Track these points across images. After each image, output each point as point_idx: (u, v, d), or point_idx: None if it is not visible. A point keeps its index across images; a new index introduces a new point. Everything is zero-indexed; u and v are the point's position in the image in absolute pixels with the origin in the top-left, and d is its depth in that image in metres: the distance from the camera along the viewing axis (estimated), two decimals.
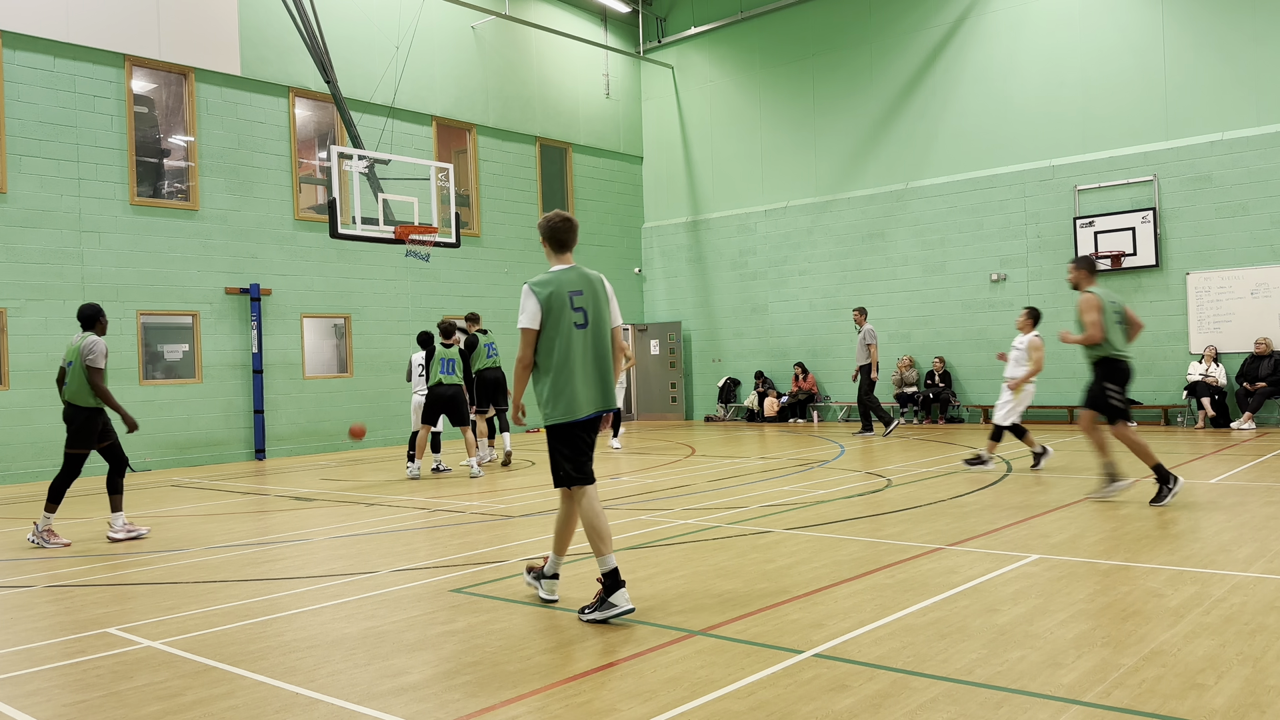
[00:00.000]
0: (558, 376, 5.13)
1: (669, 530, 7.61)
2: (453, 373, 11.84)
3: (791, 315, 20.51)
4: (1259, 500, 8.13)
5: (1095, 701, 3.61)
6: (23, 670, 4.52)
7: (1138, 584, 5.37)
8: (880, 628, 4.67)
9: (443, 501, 9.85)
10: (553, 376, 5.13)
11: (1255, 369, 15.10)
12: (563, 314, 5.12)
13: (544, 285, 5.14)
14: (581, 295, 5.18)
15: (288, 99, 16.65)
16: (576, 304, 5.16)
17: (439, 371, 11.76)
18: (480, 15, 19.45)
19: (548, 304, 5.10)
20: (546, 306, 5.10)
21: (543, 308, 5.10)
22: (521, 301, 5.16)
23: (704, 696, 3.80)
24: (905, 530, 7.26)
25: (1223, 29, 15.59)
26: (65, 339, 13.97)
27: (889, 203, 19.22)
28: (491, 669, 4.26)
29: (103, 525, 9.17)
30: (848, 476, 10.66)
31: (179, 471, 14.43)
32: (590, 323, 5.19)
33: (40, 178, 13.92)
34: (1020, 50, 17.62)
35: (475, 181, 19.53)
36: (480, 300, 19.29)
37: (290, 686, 4.12)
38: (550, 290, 5.11)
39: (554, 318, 5.11)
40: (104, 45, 14.51)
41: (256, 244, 16.16)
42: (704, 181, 22.16)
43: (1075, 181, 16.99)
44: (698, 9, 22.06)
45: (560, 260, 5.31)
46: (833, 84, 19.99)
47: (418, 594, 5.76)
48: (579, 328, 5.15)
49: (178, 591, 6.14)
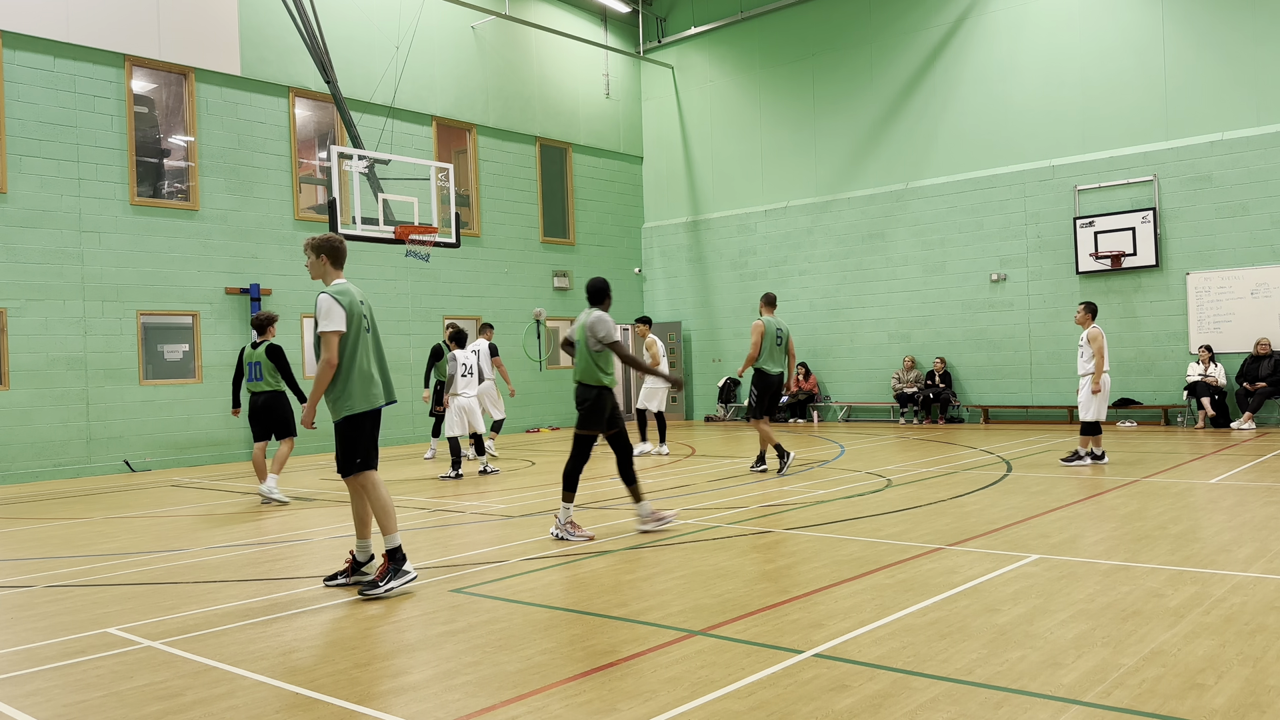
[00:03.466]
0: (360, 373, 5.92)
1: (669, 530, 7.60)
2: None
3: (791, 315, 20.50)
4: (1259, 500, 8.13)
5: (1095, 701, 3.61)
6: (23, 670, 4.52)
7: (1138, 584, 5.37)
8: (880, 628, 4.67)
9: (443, 501, 9.85)
10: (356, 373, 5.89)
11: (1255, 369, 15.09)
12: (360, 319, 5.92)
13: (343, 294, 5.90)
14: (364, 304, 6.01)
15: (288, 99, 16.65)
16: (366, 311, 6.01)
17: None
18: (480, 15, 19.45)
19: (350, 310, 5.86)
20: (350, 312, 5.86)
21: (347, 313, 5.85)
22: (326, 309, 5.81)
23: (704, 696, 3.80)
24: (905, 530, 7.26)
25: (1223, 29, 15.59)
26: (65, 339, 14.01)
27: (889, 203, 19.22)
28: (491, 669, 4.26)
29: (102, 525, 9.17)
30: (848, 476, 10.66)
31: (179, 471, 14.43)
32: (373, 327, 6.08)
33: (40, 178, 13.92)
34: (1020, 50, 17.62)
35: (475, 181, 19.53)
36: (480, 300, 19.29)
37: (290, 686, 4.12)
38: (349, 299, 5.90)
39: (355, 323, 5.88)
40: (104, 45, 14.51)
41: (256, 244, 16.16)
42: (704, 181, 22.16)
43: (1075, 181, 16.99)
44: (698, 9, 22.06)
45: (339, 275, 6.10)
46: (833, 84, 19.99)
47: (418, 594, 5.76)
48: (368, 331, 5.98)
49: (178, 591, 6.14)
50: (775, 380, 11.16)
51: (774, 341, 11.15)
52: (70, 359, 14.09)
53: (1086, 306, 11.17)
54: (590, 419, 7.59)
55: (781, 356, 11.25)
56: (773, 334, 11.16)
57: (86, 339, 14.26)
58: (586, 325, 7.66)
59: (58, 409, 13.99)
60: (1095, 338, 10.90)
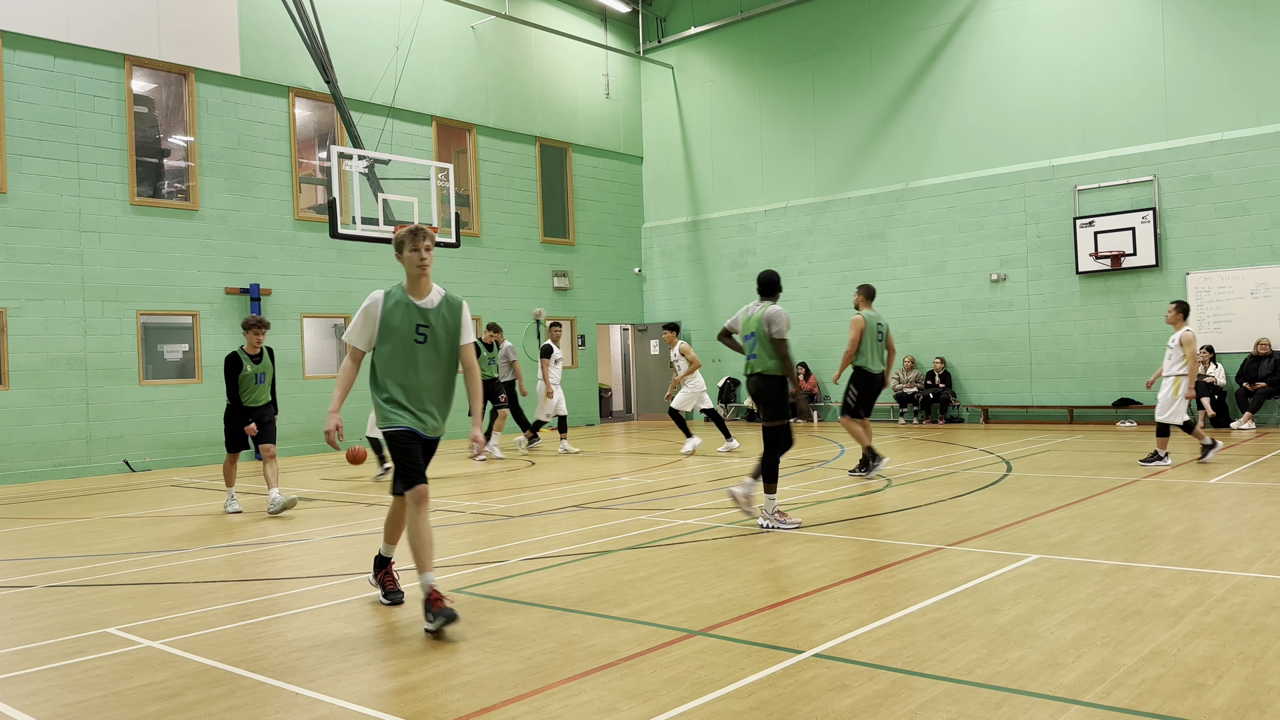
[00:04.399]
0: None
1: (669, 530, 7.60)
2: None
3: (791, 315, 20.43)
4: (1259, 500, 8.13)
5: (1095, 701, 3.61)
6: (23, 670, 4.51)
7: (1138, 584, 5.37)
8: (880, 628, 4.67)
9: (443, 501, 9.85)
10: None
11: (1255, 369, 15.10)
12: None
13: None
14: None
15: (288, 99, 16.66)
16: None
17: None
18: (480, 15, 19.45)
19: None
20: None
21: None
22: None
23: (704, 696, 3.80)
24: (905, 530, 7.26)
25: (1223, 29, 15.59)
26: (65, 339, 14.01)
27: (889, 203, 19.22)
28: (491, 669, 4.26)
29: (101, 524, 9.18)
30: (848, 476, 10.66)
31: (179, 471, 14.43)
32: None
33: (40, 178, 13.92)
34: (1020, 50, 17.63)
35: (475, 181, 19.53)
36: (480, 300, 19.29)
37: (290, 686, 4.12)
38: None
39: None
40: (104, 45, 14.51)
41: (256, 244, 16.16)
42: (704, 181, 22.16)
43: (1075, 181, 16.99)
44: (698, 9, 22.06)
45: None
46: (833, 84, 19.99)
47: (418, 594, 5.75)
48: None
49: (178, 591, 6.13)
50: (878, 380, 10.43)
51: (875, 337, 10.33)
52: (70, 359, 14.09)
53: (1178, 306, 10.64)
54: (779, 410, 7.56)
55: (883, 353, 10.48)
56: (874, 330, 10.34)
57: (86, 339, 14.26)
58: (763, 318, 7.56)
59: (58, 409, 13.99)
60: (1189, 342, 10.45)
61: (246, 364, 9.39)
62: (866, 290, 10.76)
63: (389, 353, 5.24)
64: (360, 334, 5.33)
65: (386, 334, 5.24)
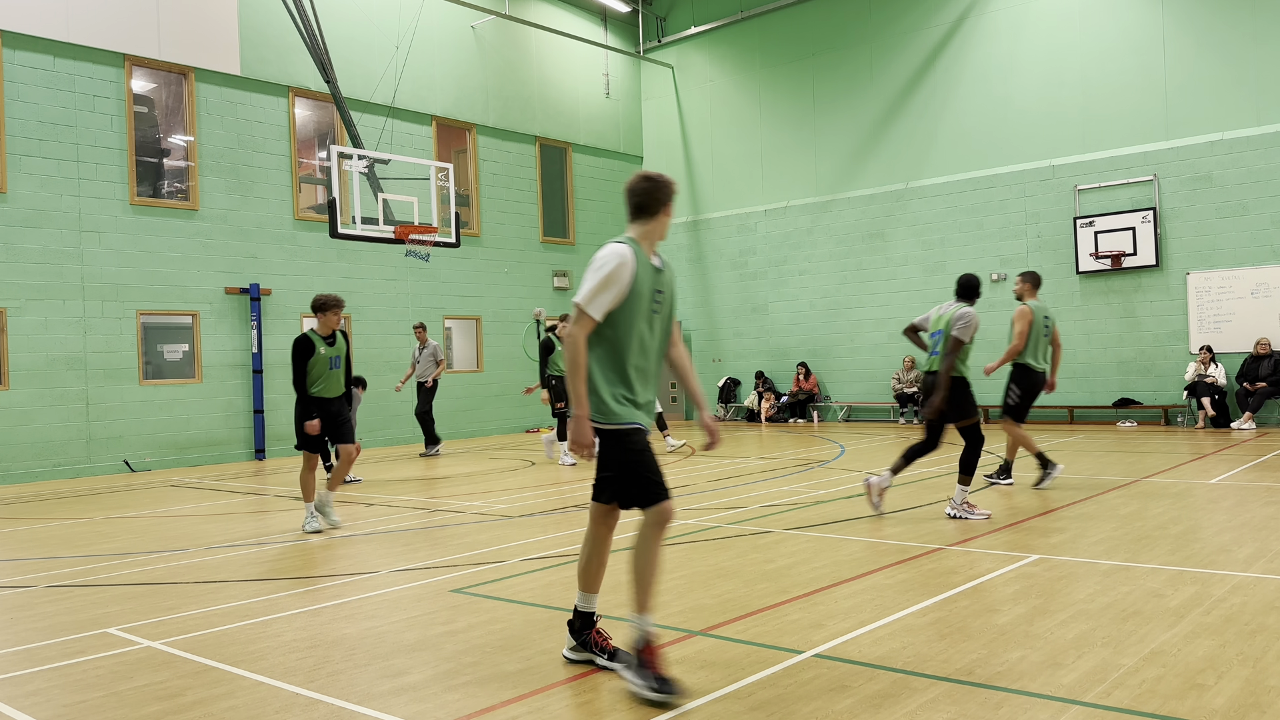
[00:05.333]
0: None
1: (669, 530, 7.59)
2: None
3: (791, 315, 20.52)
4: (1259, 500, 8.13)
5: (1095, 702, 3.61)
6: (23, 670, 4.51)
7: (1138, 584, 5.37)
8: (880, 628, 4.67)
9: (443, 501, 9.85)
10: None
11: (1255, 369, 15.09)
12: None
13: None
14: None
15: (288, 99, 16.65)
16: None
17: None
18: (480, 15, 19.45)
19: None
20: None
21: None
22: None
23: (704, 697, 3.80)
24: (905, 530, 7.26)
25: (1223, 29, 15.59)
26: (65, 339, 14.01)
27: (889, 203, 19.22)
28: (491, 669, 4.26)
29: (102, 525, 9.17)
30: (848, 476, 10.66)
31: (179, 471, 14.42)
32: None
33: (40, 178, 13.92)
34: (1020, 50, 17.62)
35: (475, 181, 19.53)
36: (480, 300, 19.29)
37: (290, 686, 4.12)
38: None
39: None
40: (104, 45, 14.51)
41: (256, 244, 16.16)
42: (704, 181, 22.15)
43: (1075, 181, 16.99)
44: (698, 9, 22.06)
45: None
46: (833, 84, 19.99)
47: (418, 594, 5.76)
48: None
49: (178, 591, 6.13)
50: (1041, 379, 9.35)
51: (1041, 332, 9.26)
52: (70, 359, 14.09)
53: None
54: (967, 408, 7.74)
55: (1048, 350, 9.38)
56: (1040, 324, 9.24)
57: (86, 339, 14.26)
58: (953, 318, 7.68)
59: (58, 409, 13.99)
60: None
61: (320, 345, 8.11)
62: (1033, 278, 9.47)
63: (626, 326, 4.00)
64: (605, 300, 3.94)
65: (633, 302, 3.99)
